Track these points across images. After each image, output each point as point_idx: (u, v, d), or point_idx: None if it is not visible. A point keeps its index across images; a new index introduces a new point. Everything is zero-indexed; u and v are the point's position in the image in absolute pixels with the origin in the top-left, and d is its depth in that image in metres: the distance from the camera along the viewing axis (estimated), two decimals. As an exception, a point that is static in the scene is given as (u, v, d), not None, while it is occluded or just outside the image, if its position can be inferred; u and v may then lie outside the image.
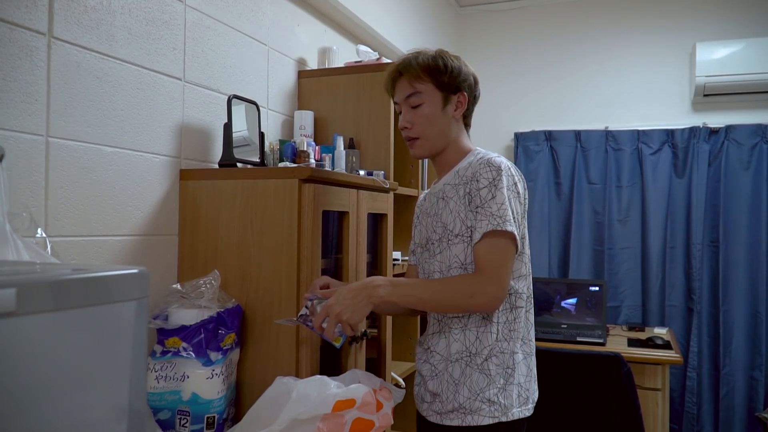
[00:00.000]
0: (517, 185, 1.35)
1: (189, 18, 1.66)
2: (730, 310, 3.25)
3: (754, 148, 3.25)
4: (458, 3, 3.83)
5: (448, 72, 1.40)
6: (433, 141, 1.43)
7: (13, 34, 1.20)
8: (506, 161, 1.36)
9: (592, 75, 3.62)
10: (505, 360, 1.33)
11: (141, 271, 0.83)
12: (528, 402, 1.36)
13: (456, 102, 1.42)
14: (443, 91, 1.41)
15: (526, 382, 1.36)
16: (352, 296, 1.25)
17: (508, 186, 1.31)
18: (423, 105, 1.41)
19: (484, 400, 1.30)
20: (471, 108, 1.47)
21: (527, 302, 1.39)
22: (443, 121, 1.42)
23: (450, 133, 1.43)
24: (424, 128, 1.41)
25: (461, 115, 1.45)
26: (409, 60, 1.42)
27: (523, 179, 1.40)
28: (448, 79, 1.40)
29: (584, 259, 3.53)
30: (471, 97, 1.45)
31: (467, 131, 1.49)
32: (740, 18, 3.33)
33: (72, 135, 1.32)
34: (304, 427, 1.12)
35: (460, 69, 1.42)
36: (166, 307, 1.42)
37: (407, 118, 1.42)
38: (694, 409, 3.27)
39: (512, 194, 1.32)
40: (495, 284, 1.26)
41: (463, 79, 1.42)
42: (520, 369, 1.35)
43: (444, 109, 1.42)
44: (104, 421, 0.77)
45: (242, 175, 1.55)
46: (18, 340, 0.66)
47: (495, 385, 1.31)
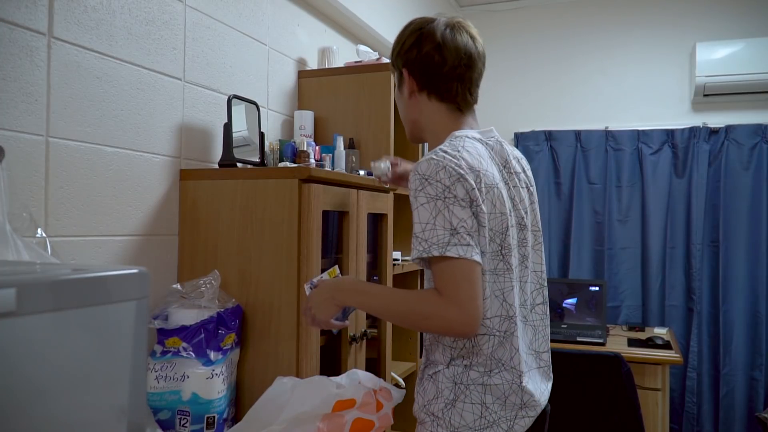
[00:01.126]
0: (450, 188, 1.07)
1: (189, 18, 1.66)
2: (730, 310, 3.25)
3: (754, 148, 3.25)
4: (458, 3, 3.83)
5: (395, 49, 1.27)
6: (409, 128, 1.32)
7: (13, 34, 1.20)
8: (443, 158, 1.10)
9: (592, 75, 3.62)
10: (457, 374, 1.15)
11: (141, 271, 0.83)
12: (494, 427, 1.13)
13: (406, 82, 1.25)
14: (396, 71, 1.29)
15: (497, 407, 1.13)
16: (319, 297, 1.23)
17: (434, 195, 1.07)
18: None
19: (428, 413, 1.17)
20: (435, 81, 1.22)
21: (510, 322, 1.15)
22: (402, 105, 1.31)
23: (414, 115, 1.28)
24: (401, 116, 1.34)
25: (421, 94, 1.24)
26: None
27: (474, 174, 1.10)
28: (394, 58, 1.28)
29: (584, 259, 3.53)
30: (417, 70, 1.22)
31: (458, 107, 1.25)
32: (740, 18, 3.33)
33: (72, 135, 1.32)
34: (304, 426, 1.12)
35: (398, 42, 1.26)
36: (166, 307, 1.42)
37: None
38: (694, 409, 3.27)
39: (444, 202, 1.07)
40: (456, 306, 1.03)
41: (400, 52, 1.24)
42: (485, 390, 1.14)
43: (399, 92, 1.30)
44: (104, 421, 0.77)
45: (242, 175, 1.55)
46: (18, 340, 0.66)
47: (442, 399, 1.15)
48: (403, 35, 1.26)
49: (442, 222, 1.06)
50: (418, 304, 1.09)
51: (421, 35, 1.22)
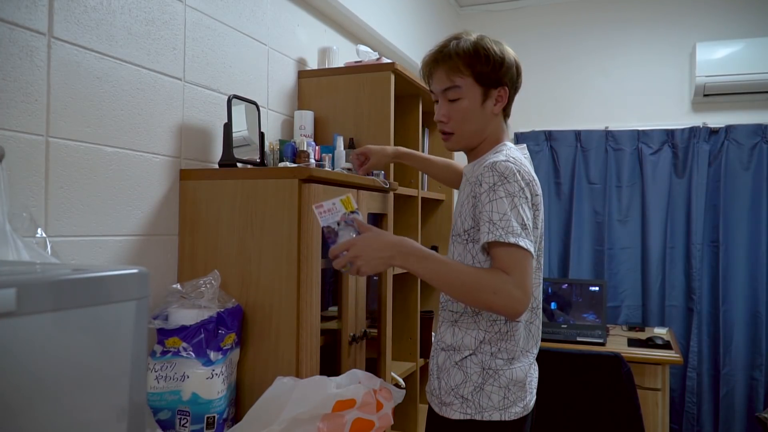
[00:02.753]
0: (524, 190, 1.24)
1: (189, 18, 1.66)
2: (730, 310, 3.25)
3: (754, 148, 3.25)
4: (458, 3, 3.83)
5: (490, 65, 1.32)
6: (469, 137, 1.37)
7: (13, 34, 1.20)
8: (515, 164, 1.25)
9: (592, 75, 3.62)
10: (485, 361, 1.30)
11: (141, 271, 0.83)
12: (512, 407, 1.29)
13: (496, 97, 1.35)
14: (483, 86, 1.33)
15: (516, 389, 1.31)
16: (375, 251, 1.21)
17: (512, 192, 1.22)
18: (461, 100, 1.34)
19: (458, 396, 1.30)
20: (512, 99, 1.40)
21: (533, 313, 1.35)
22: (481, 118, 1.35)
23: (487, 129, 1.37)
24: (461, 125, 1.35)
25: (501, 110, 1.38)
26: (449, 49, 1.33)
27: (534, 183, 1.29)
28: (490, 73, 1.32)
29: (584, 259, 3.53)
30: (512, 90, 1.37)
31: (506, 121, 1.42)
32: (740, 18, 3.33)
33: (72, 135, 1.32)
34: (304, 427, 1.12)
35: (503, 60, 1.33)
36: (166, 307, 1.42)
37: (443, 111, 1.36)
38: (694, 409, 3.27)
39: (519, 200, 1.22)
40: (520, 289, 1.16)
41: (505, 71, 1.34)
42: (510, 375, 1.30)
43: (483, 104, 1.34)
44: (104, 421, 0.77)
45: (242, 175, 1.55)
46: (18, 340, 0.66)
47: (471, 383, 1.29)
48: (499, 48, 1.34)
49: (516, 216, 1.20)
50: (489, 278, 1.18)
51: (517, 62, 1.38)
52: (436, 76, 1.36)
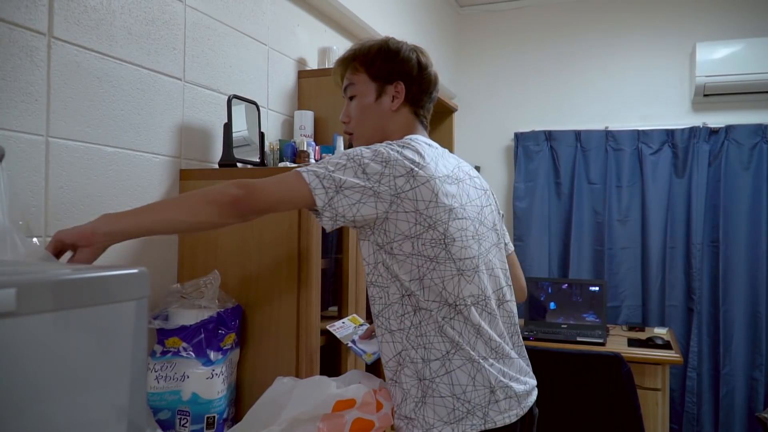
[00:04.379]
0: (364, 159, 1.13)
1: (189, 18, 1.66)
2: (730, 310, 3.25)
3: (754, 148, 3.25)
4: (458, 3, 3.83)
5: (381, 59, 1.30)
6: (368, 136, 1.33)
7: (13, 34, 1.20)
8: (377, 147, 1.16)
9: (592, 75, 3.62)
10: (419, 370, 1.16)
11: (141, 271, 0.83)
12: (466, 420, 1.14)
13: (393, 93, 1.31)
14: (376, 81, 1.31)
15: (469, 394, 1.15)
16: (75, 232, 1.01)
17: (347, 154, 1.14)
18: (357, 97, 1.33)
19: (402, 417, 1.18)
20: (419, 97, 1.33)
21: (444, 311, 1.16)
22: (378, 114, 1.32)
23: (387, 126, 1.32)
24: (359, 122, 1.33)
25: (404, 106, 1.32)
26: (352, 49, 1.35)
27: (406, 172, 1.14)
28: (381, 68, 1.30)
29: (584, 259, 3.53)
30: (414, 85, 1.32)
31: (421, 121, 1.36)
32: (740, 18, 3.33)
33: (72, 135, 1.32)
34: (304, 427, 1.12)
35: (397, 55, 1.31)
36: (166, 307, 1.42)
37: (345, 111, 1.36)
38: (694, 409, 3.27)
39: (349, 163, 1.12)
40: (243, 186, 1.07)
41: (399, 65, 1.30)
42: (453, 379, 1.15)
43: (378, 100, 1.32)
44: (104, 421, 0.77)
45: (242, 175, 1.55)
46: (18, 340, 0.66)
47: (411, 398, 1.17)
48: (404, 52, 1.32)
49: (329, 165, 1.12)
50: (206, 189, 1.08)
51: (418, 55, 1.33)
52: (339, 77, 1.38)
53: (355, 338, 1.40)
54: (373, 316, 1.24)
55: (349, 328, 1.45)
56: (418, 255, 1.16)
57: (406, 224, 1.15)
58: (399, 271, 1.17)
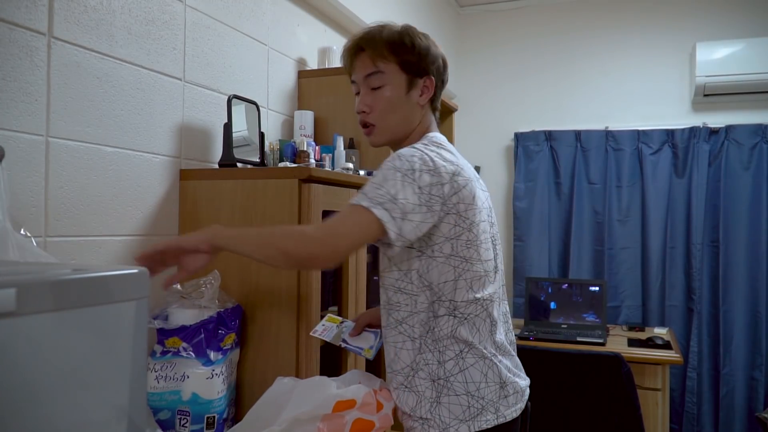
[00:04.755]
0: (416, 173, 1.11)
1: (189, 18, 1.66)
2: (730, 310, 3.25)
3: (754, 148, 3.25)
4: (458, 3, 3.83)
5: (415, 51, 1.25)
6: (393, 129, 1.27)
7: (13, 34, 1.20)
8: (420, 150, 1.15)
9: (592, 75, 3.62)
10: (433, 372, 1.17)
11: (141, 271, 0.83)
12: (480, 416, 1.15)
13: (422, 86, 1.27)
14: (408, 74, 1.25)
15: (482, 391, 1.16)
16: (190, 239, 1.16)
17: (398, 167, 1.11)
18: (384, 87, 1.25)
19: (417, 419, 1.18)
20: (438, 93, 1.32)
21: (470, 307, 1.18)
22: (406, 108, 1.26)
23: (413, 121, 1.28)
24: (384, 115, 1.26)
25: (427, 101, 1.29)
26: (373, 34, 1.27)
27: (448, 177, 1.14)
28: (415, 60, 1.25)
29: (584, 259, 3.53)
30: (439, 81, 1.30)
31: (435, 116, 1.34)
32: (740, 18, 3.33)
33: (72, 135, 1.32)
34: (304, 427, 1.12)
35: (429, 49, 1.26)
36: (166, 307, 1.42)
37: (366, 101, 1.27)
38: (694, 409, 3.27)
39: (403, 178, 1.10)
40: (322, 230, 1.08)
41: (431, 60, 1.27)
42: (467, 376, 1.16)
43: (408, 93, 1.26)
44: (104, 421, 0.77)
45: (242, 175, 1.55)
46: (18, 340, 0.66)
47: (426, 400, 1.17)
48: (426, 40, 1.28)
49: (389, 188, 1.09)
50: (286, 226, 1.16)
51: (438, 49, 1.30)
52: (359, 62, 1.28)
53: (344, 337, 1.38)
54: (394, 322, 1.22)
55: (333, 329, 1.40)
56: (455, 256, 1.16)
57: (448, 226, 1.15)
58: (434, 274, 1.17)
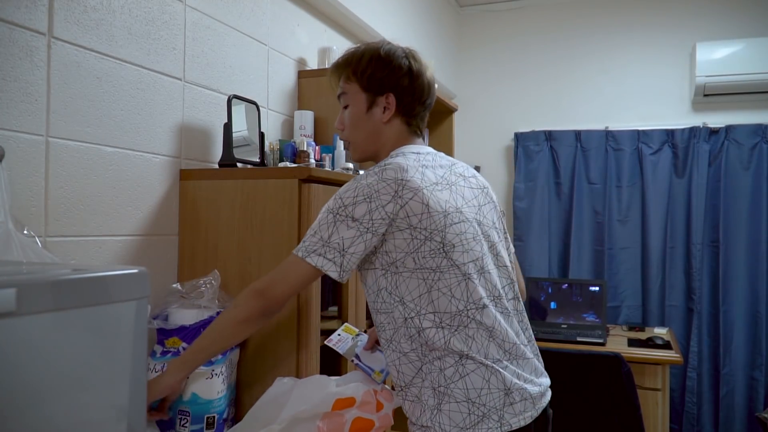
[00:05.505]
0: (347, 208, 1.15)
1: (189, 18, 1.66)
2: (730, 310, 3.25)
3: (754, 148, 3.25)
4: (458, 3, 3.83)
5: (371, 69, 1.28)
6: (362, 146, 1.33)
7: (13, 34, 1.20)
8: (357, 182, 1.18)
9: (592, 75, 3.62)
10: (434, 379, 1.16)
11: (141, 271, 0.83)
12: (481, 424, 1.13)
13: (384, 104, 1.29)
14: (368, 92, 1.29)
15: (484, 398, 1.14)
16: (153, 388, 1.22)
17: (330, 210, 1.17)
18: (349, 106, 1.32)
19: (419, 427, 1.17)
20: (412, 107, 1.31)
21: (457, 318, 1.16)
22: (369, 125, 1.30)
23: (379, 137, 1.31)
24: (351, 132, 1.33)
25: (396, 117, 1.30)
26: (343, 57, 1.33)
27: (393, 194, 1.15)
28: (372, 78, 1.28)
29: (584, 259, 3.53)
30: (406, 96, 1.29)
31: (414, 131, 1.34)
32: (740, 18, 3.33)
33: (72, 135, 1.32)
34: (304, 425, 1.12)
35: (389, 65, 1.28)
36: (166, 307, 1.42)
37: (340, 118, 1.35)
38: (694, 409, 3.27)
39: (336, 219, 1.15)
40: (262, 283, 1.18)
41: (390, 76, 1.28)
42: (467, 383, 1.14)
43: (369, 111, 1.30)
44: (104, 421, 0.77)
45: (242, 175, 1.55)
46: (18, 340, 0.66)
47: (428, 408, 1.16)
48: (397, 62, 1.29)
49: (322, 233, 1.16)
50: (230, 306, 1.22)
51: (410, 62, 1.30)
52: (334, 83, 1.37)
53: (358, 352, 1.37)
54: (385, 342, 1.23)
55: (348, 341, 1.39)
56: (421, 269, 1.16)
57: (403, 241, 1.16)
58: (405, 290, 1.17)
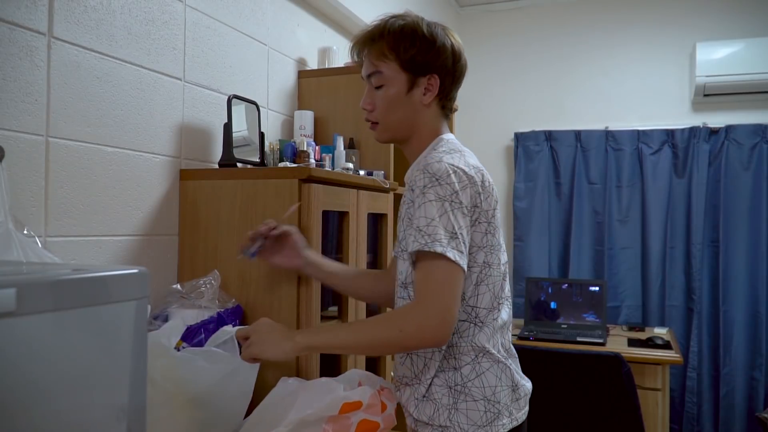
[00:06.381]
0: (458, 194, 1.09)
1: (189, 18, 1.66)
2: (730, 310, 3.25)
3: (754, 148, 3.25)
4: (458, 3, 3.83)
5: (416, 48, 1.18)
6: (394, 128, 1.24)
7: (13, 34, 1.20)
8: (451, 164, 1.12)
9: (592, 75, 3.62)
10: (450, 378, 1.15)
11: (141, 271, 0.83)
12: (497, 421, 1.14)
13: (425, 86, 1.20)
14: (409, 72, 1.20)
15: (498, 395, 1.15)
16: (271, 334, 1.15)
17: (443, 196, 1.08)
18: (385, 87, 1.21)
19: (435, 427, 1.15)
20: (450, 89, 1.24)
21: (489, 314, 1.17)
22: (407, 108, 1.21)
23: (416, 120, 1.23)
24: (385, 114, 1.22)
25: (433, 100, 1.22)
26: (375, 32, 1.21)
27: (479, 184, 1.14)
28: (417, 58, 1.18)
29: (584, 259, 3.53)
30: (448, 77, 1.22)
31: (447, 114, 1.28)
32: (740, 18, 3.33)
33: (72, 135, 1.32)
34: (310, 428, 1.12)
35: (433, 43, 1.19)
36: (166, 307, 1.42)
37: (368, 99, 1.24)
38: (694, 409, 3.27)
39: (451, 205, 1.08)
40: (431, 315, 1.04)
41: (435, 57, 1.19)
42: (483, 381, 1.14)
43: (409, 93, 1.20)
44: (104, 421, 0.77)
45: (242, 175, 1.55)
46: (18, 340, 0.66)
47: (443, 408, 1.14)
48: (434, 33, 1.20)
49: (446, 223, 1.07)
50: (390, 320, 1.10)
51: (452, 42, 1.22)
52: (363, 60, 1.26)
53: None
54: None
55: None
56: (484, 264, 1.16)
57: (479, 234, 1.14)
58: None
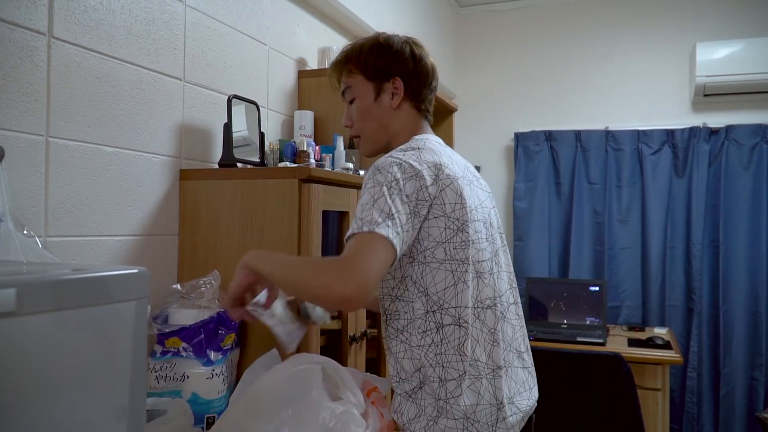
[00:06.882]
0: (399, 182, 1.08)
1: (189, 18, 1.66)
2: (730, 310, 3.25)
3: (754, 148, 3.25)
4: (458, 3, 3.83)
5: (374, 56, 1.27)
6: (374, 137, 1.30)
7: (13, 34, 1.20)
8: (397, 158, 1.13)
9: (592, 75, 3.62)
10: (435, 390, 1.12)
11: (141, 271, 0.83)
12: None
13: (391, 90, 1.27)
14: (374, 80, 1.28)
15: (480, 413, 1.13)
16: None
17: (381, 182, 1.08)
18: (356, 99, 1.30)
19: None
20: (419, 90, 1.29)
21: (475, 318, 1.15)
22: (379, 114, 1.28)
23: (390, 124, 1.29)
24: (362, 125, 1.30)
25: (405, 102, 1.28)
26: (341, 56, 1.32)
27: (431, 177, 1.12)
28: (378, 64, 1.27)
29: (584, 259, 3.53)
30: (412, 78, 1.28)
31: (425, 116, 1.33)
32: (740, 18, 3.33)
33: (72, 135, 1.32)
34: None
35: (390, 49, 1.27)
36: (166, 308, 1.42)
37: (347, 115, 1.33)
38: (694, 409, 3.27)
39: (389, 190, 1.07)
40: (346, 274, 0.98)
41: (394, 60, 1.27)
42: (465, 399, 1.12)
43: (378, 99, 1.28)
44: (104, 421, 0.77)
45: (242, 175, 1.55)
46: (18, 340, 0.66)
47: (425, 416, 1.13)
48: (397, 45, 1.28)
49: (382, 205, 1.05)
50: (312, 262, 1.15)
51: (411, 47, 1.29)
52: (336, 82, 1.35)
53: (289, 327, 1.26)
54: (393, 332, 1.18)
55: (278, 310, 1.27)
56: (450, 260, 1.13)
57: (438, 229, 1.12)
58: (428, 279, 1.13)
